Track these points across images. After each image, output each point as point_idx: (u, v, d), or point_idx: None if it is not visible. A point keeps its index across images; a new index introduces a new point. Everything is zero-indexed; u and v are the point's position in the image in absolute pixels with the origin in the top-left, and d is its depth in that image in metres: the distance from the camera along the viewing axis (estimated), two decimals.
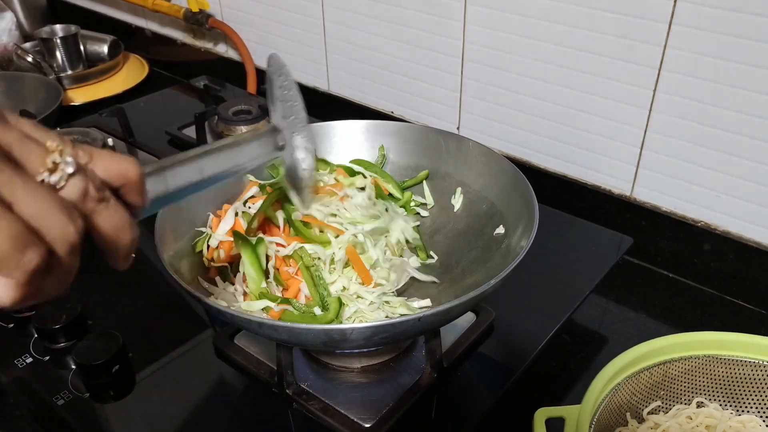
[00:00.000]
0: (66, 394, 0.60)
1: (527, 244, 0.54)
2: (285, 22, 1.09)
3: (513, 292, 0.67)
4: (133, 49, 1.36)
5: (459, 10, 0.85)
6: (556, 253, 0.76)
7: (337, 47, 1.03)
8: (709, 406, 0.55)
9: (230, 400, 0.61)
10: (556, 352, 0.66)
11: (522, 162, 0.88)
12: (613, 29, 0.72)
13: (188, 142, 1.02)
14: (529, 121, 0.85)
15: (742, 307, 0.73)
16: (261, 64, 1.18)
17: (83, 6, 1.49)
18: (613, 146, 0.79)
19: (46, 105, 1.02)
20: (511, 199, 0.64)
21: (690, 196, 0.75)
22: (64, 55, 1.24)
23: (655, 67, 0.71)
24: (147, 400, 0.60)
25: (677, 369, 0.54)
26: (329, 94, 1.09)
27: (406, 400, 0.58)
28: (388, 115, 1.01)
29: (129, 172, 0.33)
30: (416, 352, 0.62)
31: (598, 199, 0.82)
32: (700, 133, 0.71)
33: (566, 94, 0.80)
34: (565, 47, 0.77)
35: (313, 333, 0.49)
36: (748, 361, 0.53)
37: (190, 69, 1.29)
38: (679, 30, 0.68)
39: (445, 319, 0.54)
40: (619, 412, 0.53)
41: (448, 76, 0.91)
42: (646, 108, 0.74)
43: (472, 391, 0.61)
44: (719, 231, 0.74)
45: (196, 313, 0.70)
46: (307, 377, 0.60)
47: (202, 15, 1.18)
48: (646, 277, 0.78)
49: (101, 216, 0.31)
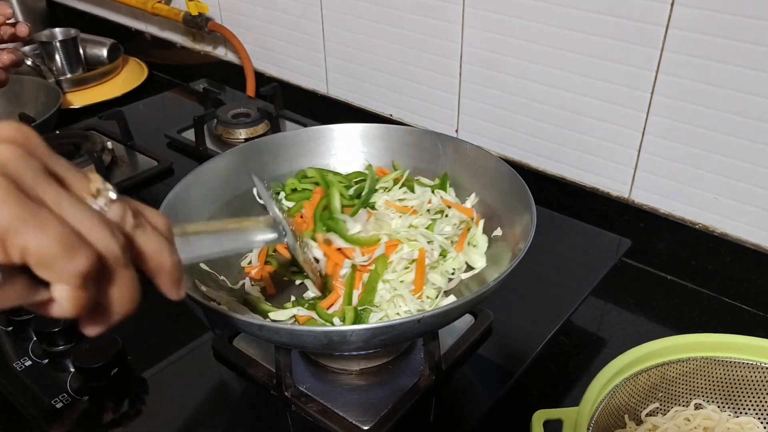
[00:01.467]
0: (65, 397, 0.60)
1: (525, 246, 0.54)
2: (284, 25, 1.09)
3: (511, 294, 0.67)
4: (133, 52, 1.36)
5: (457, 13, 0.85)
6: (554, 255, 0.76)
7: (335, 50, 1.04)
8: (707, 408, 0.55)
9: (229, 402, 0.61)
10: (554, 354, 0.66)
11: (520, 164, 0.88)
12: (611, 32, 0.73)
13: (187, 145, 1.02)
14: (528, 123, 0.85)
15: (740, 309, 0.73)
16: (260, 67, 1.18)
17: (83, 9, 1.49)
18: (611, 148, 0.79)
19: (45, 108, 1.02)
20: (509, 201, 0.64)
21: (688, 198, 0.75)
22: (63, 59, 1.24)
23: (652, 70, 0.71)
24: (146, 403, 0.60)
25: (675, 371, 0.54)
26: (328, 97, 1.09)
27: (405, 403, 0.58)
28: (386, 118, 1.02)
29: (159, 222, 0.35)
30: (415, 355, 0.63)
31: (596, 202, 0.83)
32: (698, 135, 0.71)
33: (564, 97, 0.80)
34: (563, 50, 0.77)
35: (314, 335, 0.49)
36: (746, 362, 0.53)
37: (190, 72, 1.29)
38: (676, 33, 0.68)
39: (443, 320, 0.54)
40: (617, 414, 0.53)
41: (446, 79, 0.91)
42: (644, 111, 0.74)
43: (471, 394, 0.61)
44: (717, 233, 0.74)
45: (195, 315, 0.71)
46: (306, 380, 0.60)
47: (202, 18, 1.19)
48: (644, 279, 0.78)
49: (140, 238, 0.33)
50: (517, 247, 0.59)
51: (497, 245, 0.64)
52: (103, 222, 0.30)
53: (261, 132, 1.03)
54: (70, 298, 0.29)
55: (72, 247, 0.28)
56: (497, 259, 0.63)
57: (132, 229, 0.33)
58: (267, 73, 1.18)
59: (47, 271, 0.28)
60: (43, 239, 0.28)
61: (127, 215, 0.32)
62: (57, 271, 0.28)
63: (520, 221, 0.61)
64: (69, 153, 0.94)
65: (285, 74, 1.15)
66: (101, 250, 0.30)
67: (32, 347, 0.66)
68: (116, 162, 0.98)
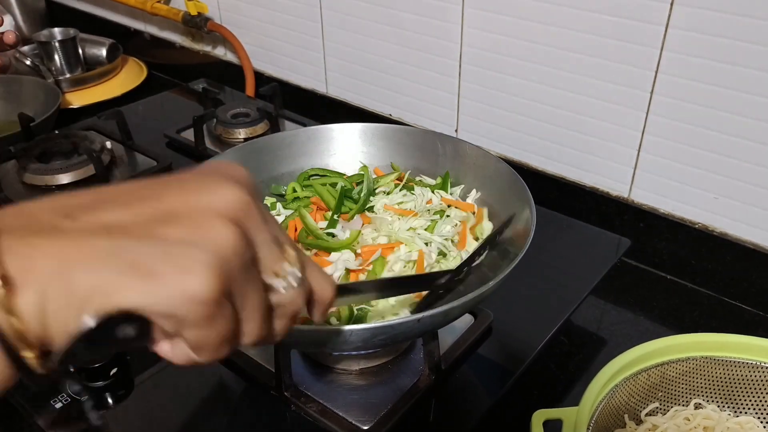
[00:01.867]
0: (64, 398, 0.60)
1: (525, 246, 0.54)
2: (283, 25, 1.09)
3: (511, 294, 0.67)
4: (132, 52, 1.36)
5: (456, 13, 0.85)
6: (554, 255, 0.76)
7: (335, 50, 1.04)
8: (707, 408, 0.55)
9: (228, 402, 0.61)
10: (554, 354, 0.66)
11: (520, 164, 0.88)
12: (611, 32, 0.73)
13: (187, 146, 1.02)
14: (527, 123, 0.85)
15: (740, 308, 0.73)
16: (259, 67, 1.18)
17: (82, 9, 1.49)
18: (610, 148, 0.79)
19: (44, 108, 1.02)
20: (508, 201, 0.64)
21: (688, 197, 0.75)
22: (62, 59, 1.24)
23: (652, 70, 0.71)
24: (145, 403, 0.60)
25: (675, 370, 0.54)
26: (327, 96, 1.09)
27: (405, 403, 0.58)
28: (386, 118, 1.02)
29: (326, 293, 0.34)
30: (414, 354, 0.63)
31: (596, 201, 0.83)
32: (698, 135, 0.71)
33: (564, 97, 0.80)
34: (562, 50, 0.77)
35: (313, 335, 0.49)
36: (745, 362, 0.53)
37: (189, 72, 1.29)
38: (675, 33, 0.68)
39: (443, 320, 0.54)
40: (617, 413, 0.53)
41: (445, 79, 0.91)
42: (644, 110, 0.74)
43: (471, 393, 0.61)
44: (717, 233, 0.74)
45: None
46: (305, 380, 0.60)
47: (201, 18, 1.19)
48: (644, 279, 0.78)
49: (286, 324, 0.33)
50: (516, 247, 0.59)
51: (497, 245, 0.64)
52: (264, 310, 0.30)
53: (260, 132, 1.03)
54: (185, 362, 0.29)
55: (225, 342, 0.28)
56: (497, 259, 0.62)
57: (289, 320, 0.33)
58: (266, 72, 1.18)
59: (192, 344, 0.28)
60: (206, 335, 0.27)
61: (300, 305, 0.32)
62: (192, 328, 0.27)
63: (519, 221, 0.61)
64: (68, 153, 0.94)
65: (284, 74, 1.15)
66: (255, 339, 0.30)
67: None
68: (115, 162, 0.98)
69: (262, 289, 0.30)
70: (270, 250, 0.30)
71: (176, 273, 0.26)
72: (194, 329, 0.27)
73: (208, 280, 0.26)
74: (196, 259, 0.26)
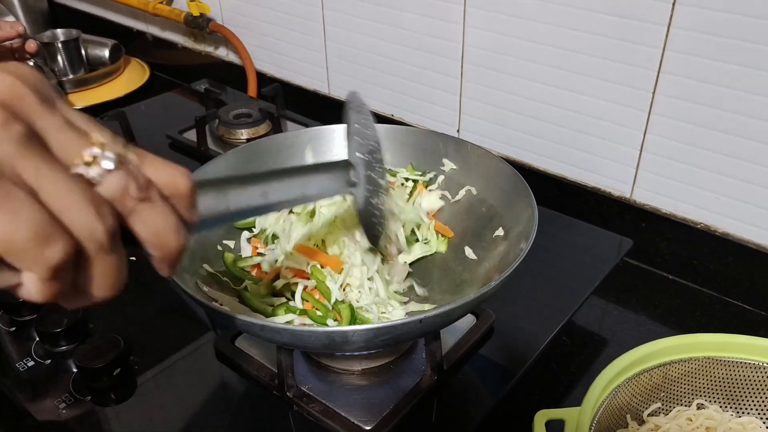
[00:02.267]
0: (67, 398, 0.60)
1: (527, 246, 0.54)
2: (285, 25, 1.09)
3: (513, 294, 0.68)
4: (134, 53, 1.36)
5: (458, 13, 0.85)
6: (556, 255, 0.76)
7: (337, 50, 1.04)
8: (710, 408, 0.55)
9: (231, 402, 0.61)
10: (556, 354, 0.66)
11: (521, 164, 0.88)
12: (613, 32, 0.73)
13: (189, 146, 1.02)
14: (529, 123, 0.85)
15: (742, 308, 0.73)
16: (261, 67, 1.18)
17: (84, 10, 1.49)
18: (612, 148, 0.79)
19: None
20: (510, 201, 0.64)
21: (690, 197, 0.75)
22: (65, 60, 1.24)
23: (654, 70, 0.71)
24: (148, 404, 0.61)
25: (677, 371, 0.54)
26: (330, 97, 1.09)
27: (407, 403, 0.58)
28: (388, 118, 1.02)
29: (179, 183, 0.31)
30: (416, 355, 0.63)
31: (598, 201, 0.83)
32: (700, 134, 0.71)
33: (566, 97, 0.80)
34: (564, 50, 0.77)
35: (315, 335, 0.49)
36: (748, 362, 0.53)
37: (191, 73, 1.29)
38: (677, 32, 0.68)
39: (445, 321, 0.54)
40: (620, 413, 0.53)
41: (447, 79, 0.91)
42: (646, 110, 0.74)
43: (473, 394, 0.61)
44: (719, 233, 0.74)
45: (198, 316, 0.71)
46: (308, 380, 0.60)
47: (203, 19, 1.19)
48: (646, 279, 0.78)
49: (140, 216, 0.29)
50: (518, 247, 0.59)
51: (499, 245, 0.64)
52: (88, 201, 0.26)
53: (263, 132, 1.03)
54: (38, 288, 0.27)
55: (45, 236, 0.25)
56: (499, 259, 0.62)
57: (134, 204, 0.28)
58: (268, 73, 1.18)
59: (15, 260, 0.25)
60: (11, 227, 0.25)
61: (128, 188, 0.28)
62: (26, 261, 0.26)
63: (521, 221, 0.61)
64: None
65: (286, 74, 1.15)
66: (81, 237, 0.27)
67: (35, 347, 0.66)
68: None
69: (63, 172, 0.26)
70: (65, 136, 0.27)
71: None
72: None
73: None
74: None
